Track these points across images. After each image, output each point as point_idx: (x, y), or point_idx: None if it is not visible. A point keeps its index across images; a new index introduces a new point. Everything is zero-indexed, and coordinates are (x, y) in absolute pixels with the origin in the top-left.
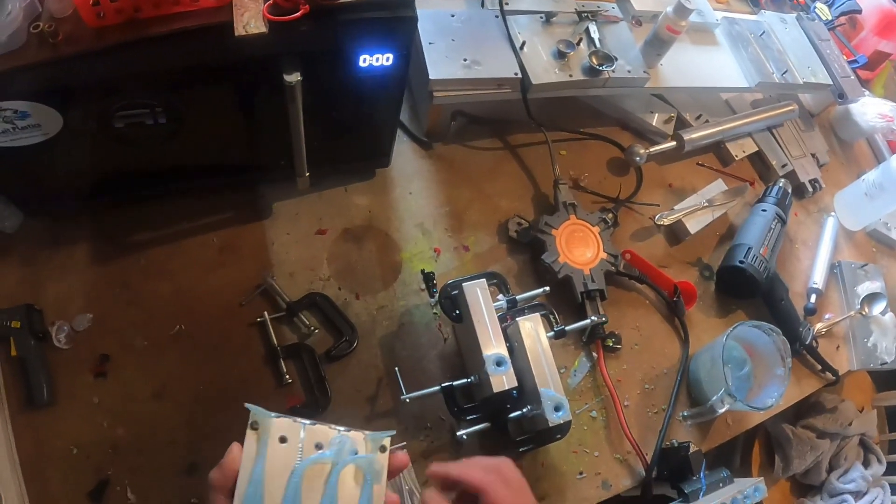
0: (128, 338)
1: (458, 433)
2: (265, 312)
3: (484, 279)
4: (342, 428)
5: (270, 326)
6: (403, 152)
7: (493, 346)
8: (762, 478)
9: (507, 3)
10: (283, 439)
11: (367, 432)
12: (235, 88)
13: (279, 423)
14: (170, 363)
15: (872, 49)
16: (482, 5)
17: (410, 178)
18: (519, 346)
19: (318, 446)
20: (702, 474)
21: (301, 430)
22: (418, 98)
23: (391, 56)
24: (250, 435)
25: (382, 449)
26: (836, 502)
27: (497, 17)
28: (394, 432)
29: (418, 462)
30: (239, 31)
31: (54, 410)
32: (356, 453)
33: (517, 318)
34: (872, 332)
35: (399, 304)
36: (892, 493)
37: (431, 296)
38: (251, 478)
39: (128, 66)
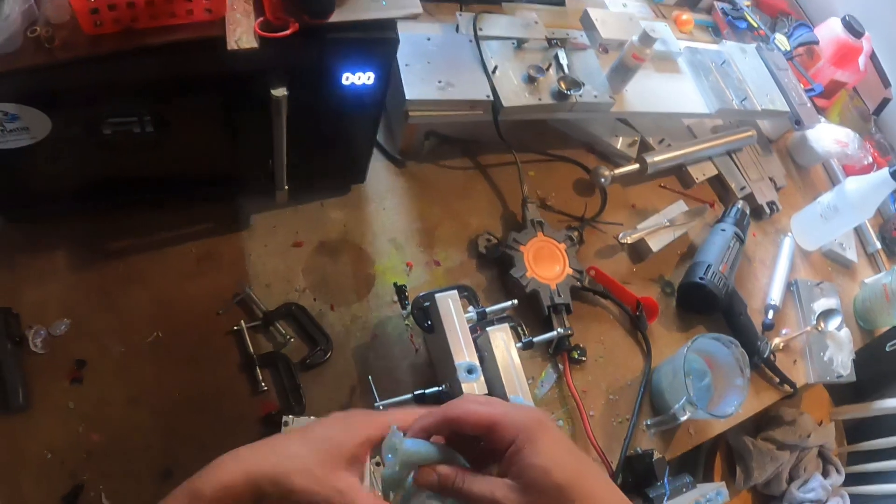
0: (105, 344)
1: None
2: (242, 321)
3: (455, 291)
4: None
5: (247, 335)
6: (378, 169)
7: (464, 355)
8: (723, 482)
9: (480, 29)
10: None
11: None
12: (223, 101)
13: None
14: (146, 370)
15: (829, 78)
16: (457, 30)
17: (384, 195)
18: (489, 355)
19: None
20: (665, 480)
21: None
22: (394, 117)
23: (372, 75)
24: None
25: None
26: None
27: (471, 41)
28: None
29: None
30: (231, 45)
31: (29, 415)
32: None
33: (487, 329)
34: (828, 346)
35: (372, 316)
36: None
37: (404, 308)
38: None
39: (121, 74)
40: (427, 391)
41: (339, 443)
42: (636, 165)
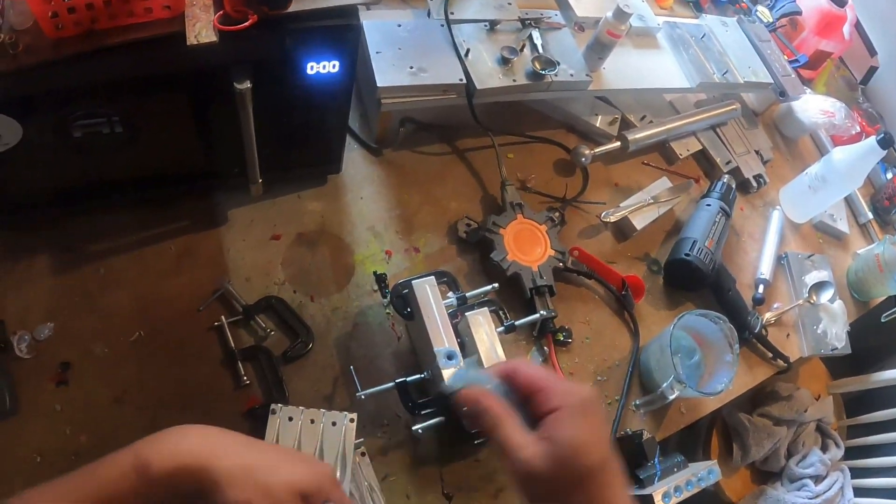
0: (88, 346)
1: (414, 428)
2: (222, 316)
3: (433, 277)
4: None
5: (227, 330)
6: (354, 159)
7: (443, 341)
8: (715, 461)
9: (452, 13)
10: None
11: None
12: (189, 97)
13: None
14: (130, 369)
15: (813, 49)
16: (429, 15)
17: (361, 184)
18: (469, 340)
19: None
20: (656, 460)
21: None
22: (368, 106)
23: (337, 63)
24: None
25: None
26: (796, 487)
27: (443, 25)
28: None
29: (377, 459)
30: (191, 40)
31: (17, 420)
32: None
33: (466, 314)
34: (822, 319)
35: (353, 306)
36: (852, 477)
37: (384, 296)
38: None
39: (85, 75)
40: (409, 379)
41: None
42: (617, 143)
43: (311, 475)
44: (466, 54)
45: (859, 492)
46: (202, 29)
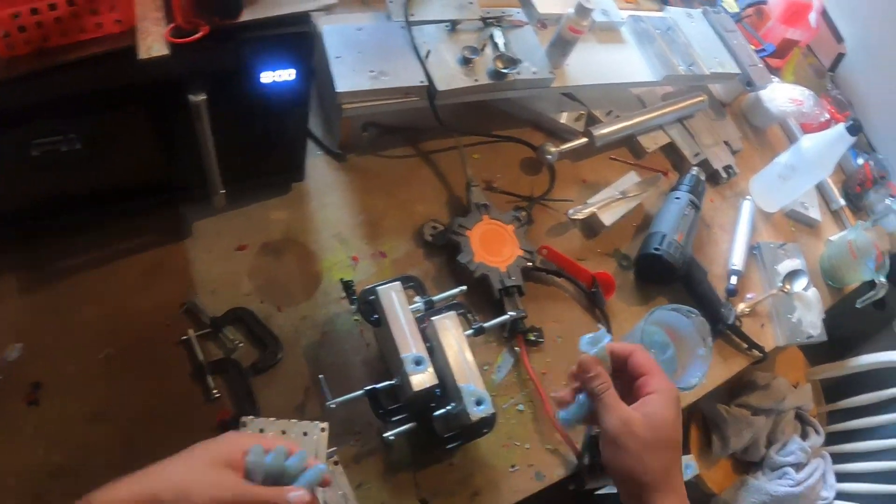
0: (59, 364)
1: (385, 434)
2: (190, 330)
3: (398, 282)
4: None
5: (196, 343)
6: (318, 165)
7: (410, 347)
8: (692, 455)
9: (412, 14)
10: None
11: None
12: (146, 111)
13: None
14: (101, 387)
15: (780, 37)
16: (389, 17)
17: (326, 191)
18: (437, 345)
19: None
20: None
21: None
22: (330, 111)
23: (293, 71)
24: None
25: None
26: (777, 475)
27: (403, 27)
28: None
29: (350, 467)
30: (142, 54)
31: None
32: None
33: (433, 319)
34: (796, 308)
35: (321, 314)
36: (834, 462)
37: (352, 303)
38: None
39: (40, 93)
40: (378, 386)
41: (217, 450)
42: (584, 139)
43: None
44: (427, 56)
45: (841, 477)
46: (154, 42)
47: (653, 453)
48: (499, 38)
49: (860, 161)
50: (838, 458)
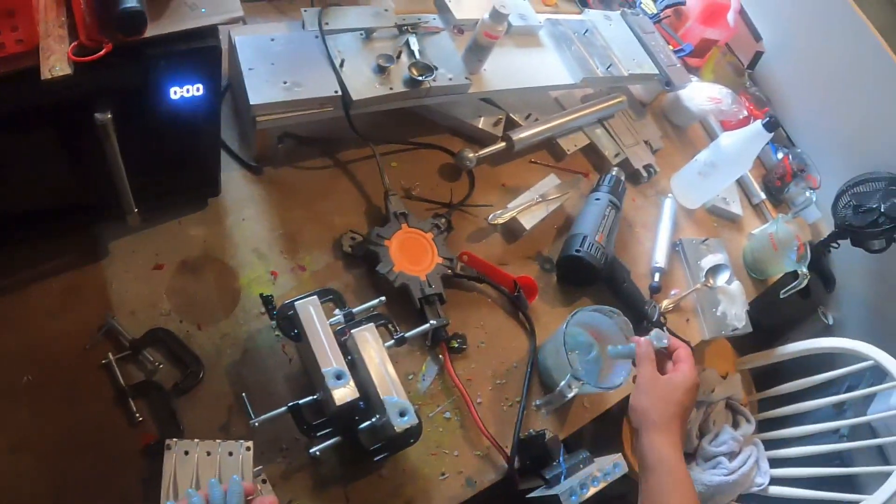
0: None
1: (311, 450)
2: (109, 353)
3: (316, 296)
4: None
5: (116, 367)
6: (234, 179)
7: (330, 361)
8: (619, 454)
9: (327, 24)
10: None
11: None
12: (53, 131)
13: None
14: (22, 415)
15: (699, 37)
16: (303, 27)
17: (243, 205)
18: (358, 357)
19: None
20: (561, 459)
21: None
22: (245, 124)
23: (201, 86)
24: None
25: None
26: (711, 465)
27: (317, 37)
28: None
29: (279, 484)
30: (45, 74)
31: None
32: None
33: (352, 331)
34: (720, 301)
35: (242, 331)
36: (766, 449)
37: (272, 318)
38: None
39: None
40: (301, 402)
41: None
42: (502, 144)
43: None
44: (342, 65)
45: (774, 462)
46: (56, 62)
47: (663, 403)
48: (414, 45)
49: (780, 155)
50: (770, 444)
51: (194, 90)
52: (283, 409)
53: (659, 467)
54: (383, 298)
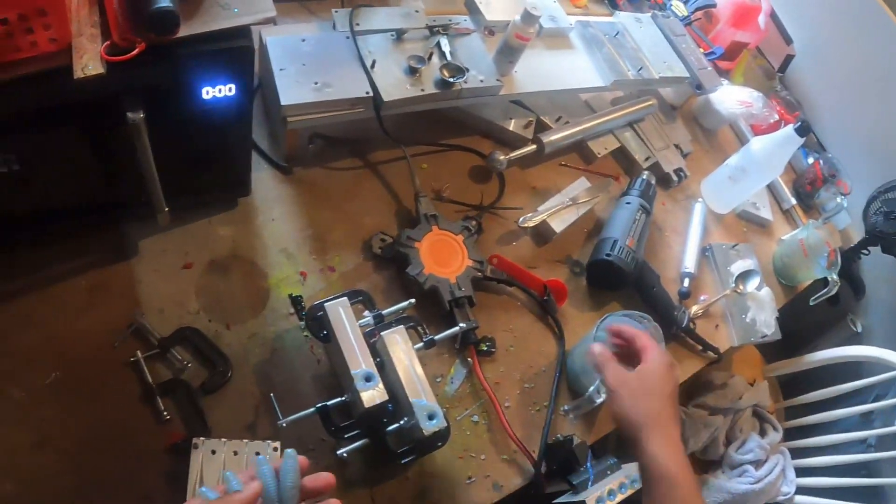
0: (4, 390)
1: (339, 451)
2: (138, 351)
3: (346, 297)
4: None
5: (144, 365)
6: (264, 179)
7: (360, 363)
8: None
9: (357, 24)
10: None
11: None
12: (84, 129)
13: None
14: (48, 412)
15: (729, 40)
16: (334, 28)
17: (272, 205)
18: (388, 360)
19: None
20: (588, 464)
21: None
22: (276, 124)
23: (233, 86)
24: None
25: None
26: (737, 473)
27: (348, 38)
28: None
29: None
30: (78, 73)
31: None
32: None
33: (382, 333)
34: (749, 307)
35: (270, 331)
36: (793, 458)
37: (301, 319)
38: None
39: None
40: (330, 403)
41: None
42: (533, 146)
43: None
44: (373, 66)
45: (801, 471)
46: (89, 61)
47: (642, 399)
48: (445, 46)
49: (810, 160)
50: (797, 453)
51: (226, 90)
52: (312, 409)
53: (662, 483)
54: (413, 301)
